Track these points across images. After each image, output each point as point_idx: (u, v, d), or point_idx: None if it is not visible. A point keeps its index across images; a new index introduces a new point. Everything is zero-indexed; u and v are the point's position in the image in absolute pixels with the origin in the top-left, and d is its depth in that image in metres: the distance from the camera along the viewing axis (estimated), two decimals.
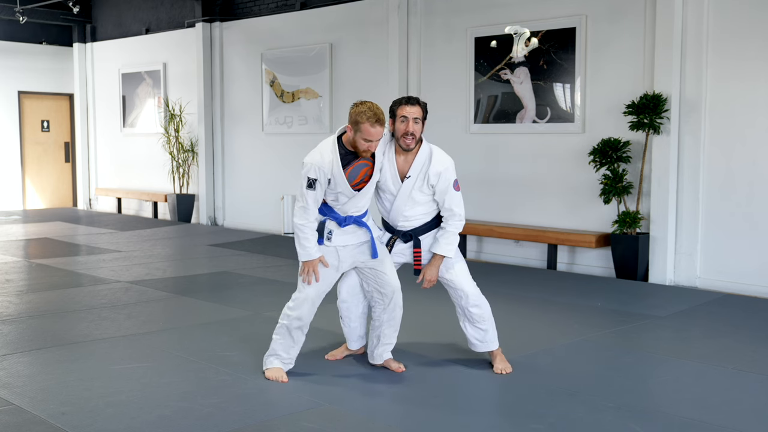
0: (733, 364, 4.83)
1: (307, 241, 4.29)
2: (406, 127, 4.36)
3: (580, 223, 8.30)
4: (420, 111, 4.39)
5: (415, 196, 4.45)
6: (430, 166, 4.40)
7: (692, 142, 7.46)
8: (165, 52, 13.59)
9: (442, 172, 4.39)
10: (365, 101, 4.27)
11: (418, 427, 3.82)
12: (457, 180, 4.46)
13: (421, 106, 4.41)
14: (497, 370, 4.58)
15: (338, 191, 4.30)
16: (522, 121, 8.76)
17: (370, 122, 4.14)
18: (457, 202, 4.46)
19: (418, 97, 4.50)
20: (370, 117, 4.14)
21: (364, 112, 4.16)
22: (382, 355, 4.60)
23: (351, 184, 4.28)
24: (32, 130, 15.17)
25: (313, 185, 4.23)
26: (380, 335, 4.57)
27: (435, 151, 4.44)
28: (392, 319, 4.55)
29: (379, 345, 4.58)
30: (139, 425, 3.73)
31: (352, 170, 4.29)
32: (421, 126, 4.40)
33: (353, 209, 4.38)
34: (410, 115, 4.36)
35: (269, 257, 9.14)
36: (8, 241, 10.40)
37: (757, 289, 7.06)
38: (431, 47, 9.65)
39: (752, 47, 7.12)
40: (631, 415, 3.91)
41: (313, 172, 4.23)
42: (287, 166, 11.53)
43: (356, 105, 4.23)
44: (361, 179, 4.34)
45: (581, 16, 8.23)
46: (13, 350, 5.04)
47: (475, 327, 4.59)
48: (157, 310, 6.34)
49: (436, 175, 4.39)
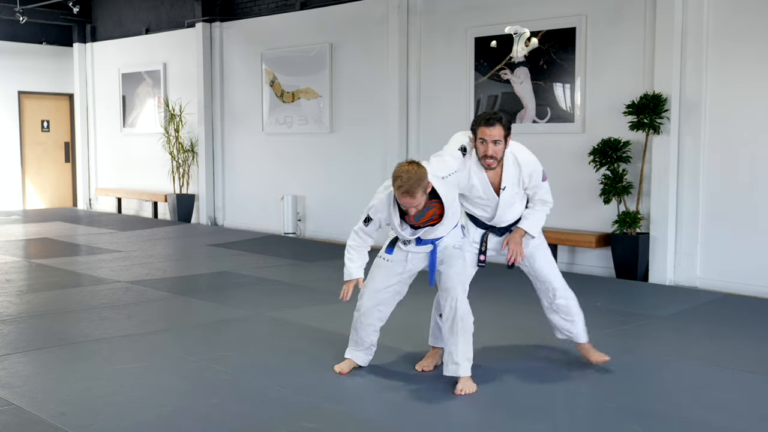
0: (733, 364, 4.83)
1: (351, 262, 4.42)
2: (485, 149, 4.24)
3: (580, 223, 8.30)
4: (501, 131, 4.23)
5: (515, 202, 4.44)
6: (521, 172, 4.35)
7: (692, 142, 7.46)
8: (165, 52, 13.59)
9: (533, 173, 4.38)
10: (408, 164, 4.08)
11: (419, 427, 3.81)
12: (543, 171, 4.44)
13: (503, 125, 4.24)
14: (594, 361, 4.61)
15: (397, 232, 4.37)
16: (522, 121, 8.76)
17: (399, 192, 4.05)
18: (546, 191, 4.47)
19: (499, 115, 4.28)
20: (399, 187, 4.03)
21: (397, 179, 4.03)
22: (448, 367, 4.27)
23: (419, 222, 4.24)
24: (32, 130, 15.17)
25: (367, 222, 4.36)
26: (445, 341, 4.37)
27: (519, 155, 4.36)
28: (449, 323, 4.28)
29: (444, 355, 4.36)
30: (139, 425, 3.73)
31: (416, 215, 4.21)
32: (503, 146, 4.26)
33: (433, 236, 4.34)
34: (489, 138, 4.22)
35: (269, 257, 9.14)
36: (8, 241, 10.40)
37: (757, 289, 7.06)
38: (431, 47, 9.64)
39: (752, 47, 7.12)
40: (631, 415, 3.91)
41: (372, 213, 4.34)
42: (287, 166, 11.53)
43: (398, 165, 4.09)
44: (429, 218, 4.26)
45: (581, 16, 8.23)
46: (13, 350, 5.04)
47: (563, 318, 4.61)
48: (157, 310, 6.34)
49: (528, 176, 4.37)
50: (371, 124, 10.29)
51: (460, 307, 4.27)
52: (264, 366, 4.68)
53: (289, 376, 4.52)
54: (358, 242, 4.42)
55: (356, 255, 4.42)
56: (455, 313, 4.26)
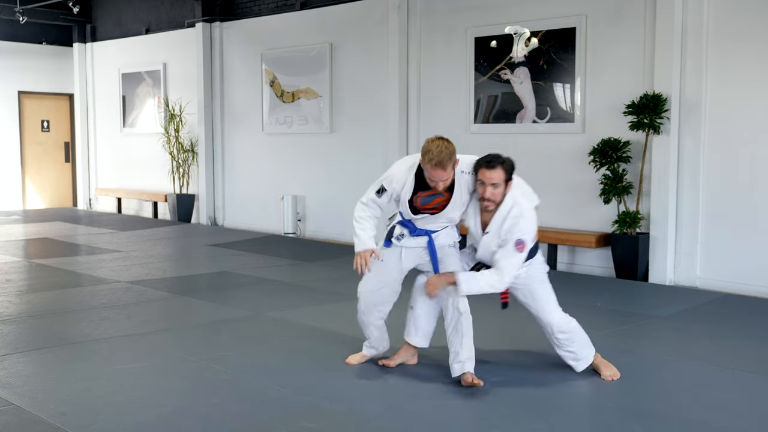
0: (733, 364, 4.83)
1: (363, 231, 4.34)
2: (483, 191, 4.18)
3: (580, 223, 8.30)
4: (501, 175, 4.15)
5: (493, 250, 4.27)
6: (504, 222, 4.19)
7: (692, 142, 7.46)
8: (165, 52, 13.59)
9: (513, 231, 4.15)
10: (439, 139, 4.13)
11: (419, 427, 3.81)
12: (522, 241, 4.13)
13: (504, 169, 4.16)
14: (606, 377, 4.47)
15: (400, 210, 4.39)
16: (522, 121, 8.76)
17: (430, 164, 4.09)
18: (509, 260, 4.13)
19: (501, 159, 4.20)
20: (430, 159, 4.07)
21: (427, 152, 4.08)
22: (454, 368, 4.31)
23: (424, 207, 4.28)
24: (32, 130, 15.17)
25: (380, 193, 4.34)
26: (449, 342, 4.37)
27: (515, 208, 4.20)
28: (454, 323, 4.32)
29: (450, 355, 4.37)
30: (139, 425, 3.73)
31: (425, 197, 4.28)
32: (502, 189, 4.17)
33: (427, 227, 4.37)
34: (488, 180, 4.15)
35: (269, 257, 9.14)
36: (8, 241, 10.40)
37: (757, 289, 7.06)
38: (431, 47, 9.64)
39: (752, 47, 7.12)
40: (631, 415, 3.91)
41: (387, 183, 4.33)
42: (287, 166, 11.53)
43: (428, 141, 4.15)
44: (434, 206, 4.31)
45: (581, 16, 8.23)
46: (13, 350, 5.04)
47: (564, 350, 4.52)
48: (157, 310, 6.34)
49: (507, 231, 4.18)
50: (371, 124, 10.29)
51: (462, 306, 4.29)
52: (264, 366, 4.68)
53: (289, 376, 4.52)
54: (368, 212, 4.38)
55: (368, 225, 4.35)
56: (458, 312, 4.29)
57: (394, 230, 4.46)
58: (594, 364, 4.56)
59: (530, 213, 4.27)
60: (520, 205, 4.24)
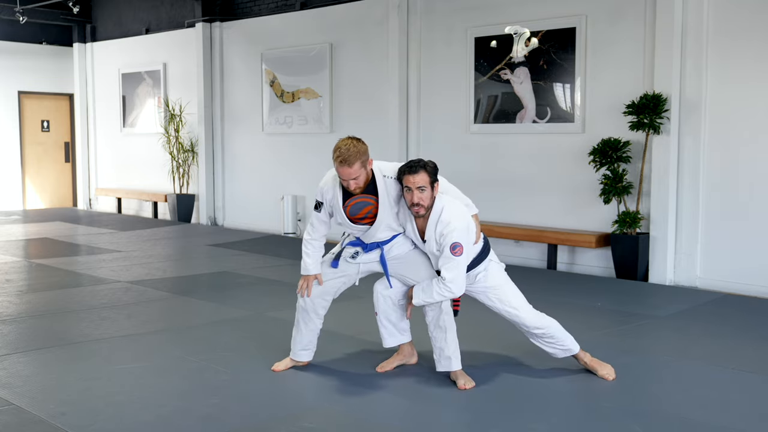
0: (733, 364, 4.83)
1: (308, 257, 4.46)
2: (411, 197, 4.15)
3: (580, 223, 8.30)
4: (426, 178, 4.13)
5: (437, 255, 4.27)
6: (436, 228, 4.19)
7: (692, 142, 7.46)
8: (165, 52, 13.59)
9: (446, 235, 4.14)
10: (348, 138, 4.17)
11: (419, 427, 3.82)
12: (458, 244, 4.11)
13: (427, 171, 4.14)
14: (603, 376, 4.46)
15: (340, 222, 4.38)
16: (522, 121, 8.76)
17: (338, 162, 4.11)
18: (451, 267, 4.14)
19: (423, 162, 4.18)
20: (337, 157, 4.10)
21: (336, 150, 4.12)
22: (440, 363, 4.36)
23: (354, 218, 4.30)
24: (32, 130, 15.17)
25: (318, 208, 4.40)
26: (432, 339, 4.40)
27: (444, 212, 4.19)
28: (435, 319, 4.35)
29: (434, 351, 4.41)
30: (139, 425, 3.73)
31: (353, 205, 4.29)
32: (429, 192, 4.15)
33: (375, 239, 4.36)
34: (413, 185, 4.12)
35: (269, 257, 9.14)
36: (8, 241, 10.40)
37: (757, 289, 7.06)
38: (431, 47, 9.64)
39: (752, 47, 7.12)
40: (631, 415, 3.91)
41: (320, 196, 4.39)
42: (287, 166, 11.53)
43: (339, 140, 4.18)
44: (364, 215, 4.31)
45: (581, 16, 8.23)
46: (13, 350, 5.04)
47: (546, 343, 4.52)
48: (157, 310, 6.34)
49: (441, 236, 4.17)
50: (371, 124, 10.29)
51: (444, 304, 4.32)
52: (264, 366, 4.67)
53: (289, 376, 4.52)
54: (312, 234, 4.46)
55: (311, 249, 4.45)
56: (440, 309, 4.32)
57: (343, 251, 4.48)
58: (589, 365, 4.55)
59: (460, 214, 4.22)
60: (450, 208, 4.21)
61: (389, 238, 4.40)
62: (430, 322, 4.39)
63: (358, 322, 5.66)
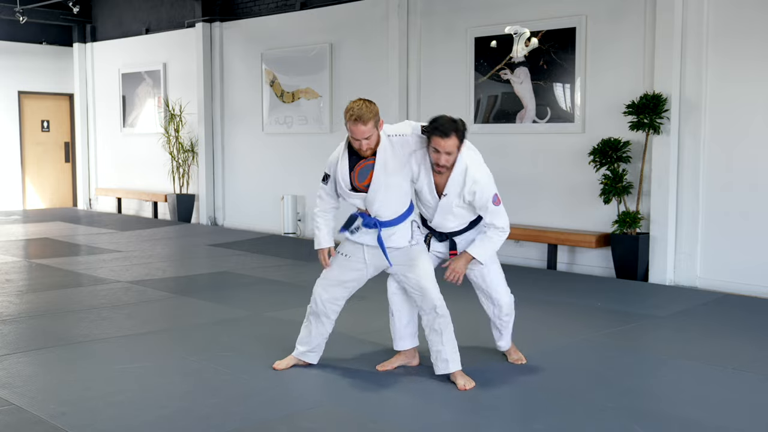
0: (733, 364, 4.83)
1: (318, 230, 4.51)
2: (437, 158, 4.19)
3: (580, 223, 8.30)
4: (455, 143, 4.16)
5: (454, 211, 4.37)
6: (465, 186, 4.25)
7: (692, 142, 7.46)
8: (165, 52, 13.59)
9: (477, 192, 4.24)
10: (358, 99, 4.24)
11: (419, 427, 3.82)
12: (496, 194, 4.28)
13: (457, 137, 4.16)
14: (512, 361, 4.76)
15: (340, 193, 4.40)
16: (522, 121, 8.76)
17: (351, 121, 4.14)
18: (498, 216, 4.31)
19: (455, 125, 4.17)
20: (351, 116, 4.13)
21: (348, 110, 4.16)
22: (438, 366, 4.38)
23: (361, 184, 4.29)
24: (32, 130, 15.17)
25: (325, 179, 4.45)
26: (429, 342, 4.42)
27: (470, 169, 4.25)
28: (431, 323, 4.36)
29: (431, 354, 4.43)
30: (139, 425, 3.73)
31: (362, 169, 4.29)
32: (455, 156, 4.21)
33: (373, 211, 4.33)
34: (443, 149, 4.15)
35: (269, 257, 9.14)
36: (8, 241, 10.40)
37: (757, 289, 7.06)
38: (431, 47, 9.65)
39: (752, 47, 7.12)
40: (631, 415, 3.91)
41: (327, 168, 4.44)
42: (287, 166, 11.53)
43: (351, 101, 4.23)
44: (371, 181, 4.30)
45: (581, 16, 8.23)
46: (13, 350, 5.04)
47: (501, 333, 4.71)
48: (157, 310, 6.34)
49: (471, 194, 4.27)
50: None
51: (438, 304, 4.32)
52: (264, 366, 4.67)
53: (289, 375, 4.52)
54: (322, 206, 4.50)
55: (322, 222, 4.50)
56: (435, 310, 4.32)
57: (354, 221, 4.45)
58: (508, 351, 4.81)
59: (483, 168, 4.33)
60: (474, 165, 4.28)
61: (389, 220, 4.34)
62: (425, 326, 4.39)
63: (359, 322, 5.66)
